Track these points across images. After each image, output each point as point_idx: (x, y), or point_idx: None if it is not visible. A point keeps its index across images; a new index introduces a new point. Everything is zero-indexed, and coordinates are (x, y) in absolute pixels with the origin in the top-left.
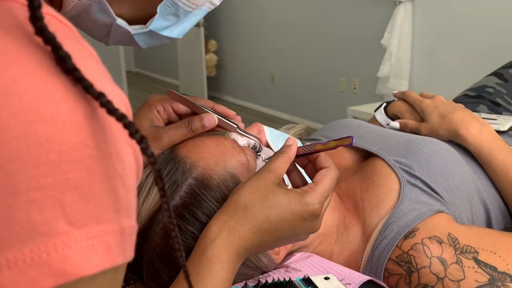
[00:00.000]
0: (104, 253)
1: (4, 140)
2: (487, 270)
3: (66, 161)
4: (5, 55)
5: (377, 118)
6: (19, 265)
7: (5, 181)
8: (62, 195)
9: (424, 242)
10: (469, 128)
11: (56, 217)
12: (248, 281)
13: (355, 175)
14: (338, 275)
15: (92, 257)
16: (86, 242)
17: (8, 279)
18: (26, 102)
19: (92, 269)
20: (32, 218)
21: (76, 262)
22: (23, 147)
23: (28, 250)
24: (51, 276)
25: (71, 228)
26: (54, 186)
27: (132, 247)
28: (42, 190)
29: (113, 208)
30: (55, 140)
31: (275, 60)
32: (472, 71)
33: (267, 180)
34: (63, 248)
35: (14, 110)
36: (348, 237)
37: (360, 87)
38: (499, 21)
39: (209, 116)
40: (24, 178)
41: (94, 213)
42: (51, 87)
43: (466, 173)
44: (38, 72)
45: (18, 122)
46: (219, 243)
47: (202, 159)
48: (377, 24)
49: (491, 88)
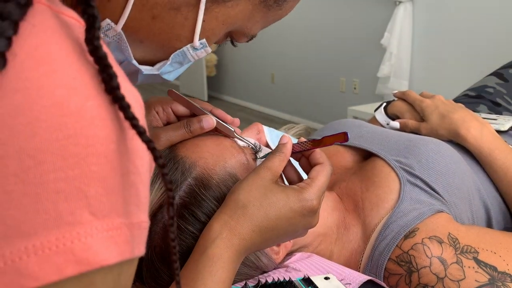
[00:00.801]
0: (123, 244)
1: (36, 131)
2: (487, 270)
3: (92, 154)
4: (39, 51)
5: (377, 118)
6: (45, 251)
7: (35, 171)
8: (87, 187)
9: (424, 242)
10: (469, 128)
11: (81, 207)
12: (248, 281)
13: (355, 175)
14: (338, 275)
15: (112, 248)
16: (106, 233)
17: (35, 265)
18: (57, 96)
19: (112, 259)
20: (58, 207)
21: (98, 251)
22: (53, 140)
23: (54, 237)
24: (75, 264)
25: (94, 218)
26: (80, 178)
27: (145, 242)
28: (69, 181)
29: (132, 202)
30: (82, 134)
31: (275, 60)
32: (472, 71)
33: (265, 178)
34: (86, 237)
35: (46, 103)
36: (348, 237)
37: (360, 87)
38: (499, 21)
39: (207, 118)
40: (53, 169)
41: (115, 206)
42: (79, 84)
43: (466, 173)
44: (68, 69)
45: (49, 115)
46: (220, 242)
47: (201, 159)
48: (377, 24)
49: (491, 88)
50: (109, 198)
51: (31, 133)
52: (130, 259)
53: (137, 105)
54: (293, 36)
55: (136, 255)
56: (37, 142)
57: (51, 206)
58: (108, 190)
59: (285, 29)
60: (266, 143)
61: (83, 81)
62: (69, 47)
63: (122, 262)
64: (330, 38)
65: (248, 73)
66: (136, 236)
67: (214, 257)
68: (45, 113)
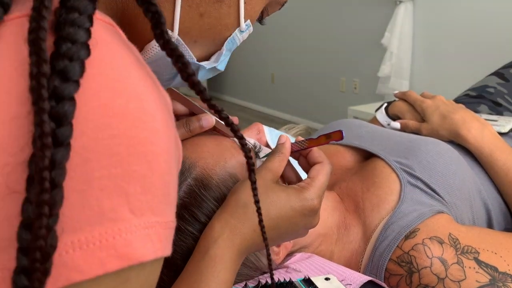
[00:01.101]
0: (158, 243)
1: (84, 131)
2: (488, 271)
3: (133, 154)
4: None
5: (378, 118)
6: (89, 246)
7: (82, 168)
8: (128, 185)
9: (425, 243)
10: (470, 128)
11: (122, 204)
12: (248, 282)
13: (356, 176)
14: (338, 275)
15: (148, 245)
16: (143, 231)
17: (80, 259)
18: (102, 98)
19: (148, 256)
20: (102, 204)
21: (137, 247)
22: (99, 139)
23: (97, 233)
24: (117, 258)
25: (132, 216)
26: (122, 177)
27: (171, 241)
28: (112, 179)
29: (165, 201)
30: (125, 134)
31: (275, 60)
32: (473, 70)
33: (266, 178)
34: (126, 234)
35: (93, 105)
36: (349, 237)
37: (360, 87)
38: (500, 21)
39: (206, 116)
40: (98, 167)
41: (151, 205)
42: (122, 86)
43: (467, 174)
44: (111, 72)
45: (96, 115)
46: (221, 243)
47: (201, 159)
48: (377, 24)
49: (492, 88)
50: (146, 197)
51: (80, 132)
52: (160, 258)
53: (168, 105)
54: (293, 36)
55: (166, 254)
56: (84, 141)
57: (95, 202)
58: (146, 189)
59: (285, 29)
60: (266, 143)
61: (127, 82)
62: (123, 52)
63: (153, 261)
64: (330, 38)
65: (248, 73)
66: (168, 235)
67: (217, 257)
68: (93, 114)
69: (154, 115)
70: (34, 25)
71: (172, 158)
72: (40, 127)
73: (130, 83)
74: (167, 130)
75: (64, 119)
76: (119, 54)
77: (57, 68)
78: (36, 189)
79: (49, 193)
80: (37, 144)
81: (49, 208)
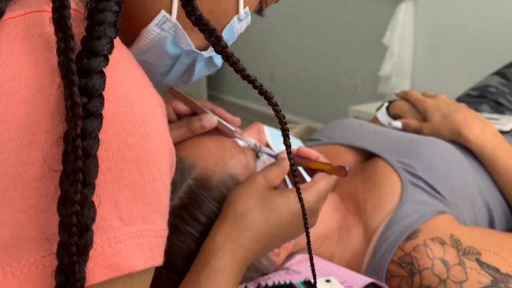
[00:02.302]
0: (148, 252)
1: None
2: (490, 272)
3: (122, 160)
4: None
5: (379, 118)
6: None
7: None
8: (117, 192)
9: (426, 244)
10: (472, 127)
11: (111, 212)
12: (248, 284)
13: (357, 176)
14: (339, 277)
15: (138, 254)
16: (133, 240)
17: None
18: None
19: (138, 265)
20: None
21: (127, 257)
22: None
23: None
24: (105, 269)
25: (122, 224)
26: (111, 184)
27: (163, 251)
28: (101, 186)
29: (157, 209)
30: (114, 140)
31: (275, 59)
32: (474, 70)
33: (262, 184)
34: (116, 243)
35: None
36: (350, 238)
37: (361, 86)
38: (502, 20)
39: (208, 116)
40: None
41: (141, 213)
42: (111, 90)
43: (468, 174)
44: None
45: None
46: (222, 255)
47: (201, 160)
48: (378, 23)
49: (494, 87)
50: (136, 205)
51: None
52: (151, 268)
53: (161, 108)
54: (293, 35)
55: (157, 264)
56: None
57: None
58: (136, 196)
59: (285, 28)
60: (267, 143)
61: (117, 86)
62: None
63: (143, 271)
64: (330, 37)
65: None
66: (159, 244)
67: (217, 269)
68: None
69: (145, 120)
70: (58, 4)
71: (164, 165)
72: (70, 98)
73: (120, 86)
74: (159, 135)
75: (94, 91)
76: (109, 56)
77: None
78: (70, 157)
79: (83, 161)
80: (69, 115)
81: (83, 176)
